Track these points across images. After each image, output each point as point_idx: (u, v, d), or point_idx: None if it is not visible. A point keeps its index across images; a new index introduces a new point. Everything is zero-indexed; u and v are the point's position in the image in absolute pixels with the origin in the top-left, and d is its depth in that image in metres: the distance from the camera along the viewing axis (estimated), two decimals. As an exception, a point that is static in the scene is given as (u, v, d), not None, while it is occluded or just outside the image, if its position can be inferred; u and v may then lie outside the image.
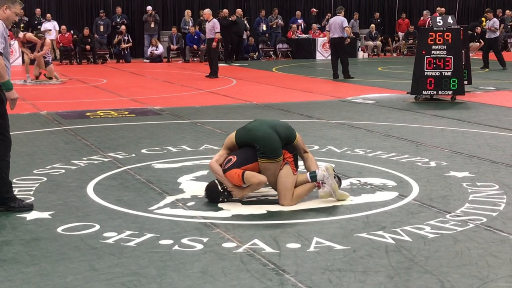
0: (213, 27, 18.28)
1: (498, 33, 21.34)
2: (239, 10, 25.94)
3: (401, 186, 6.59)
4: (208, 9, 19.26)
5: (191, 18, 26.08)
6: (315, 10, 29.29)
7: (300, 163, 6.30)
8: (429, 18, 19.05)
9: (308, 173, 6.12)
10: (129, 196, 6.24)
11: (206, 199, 6.06)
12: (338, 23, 18.09)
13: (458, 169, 7.27)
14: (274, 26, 27.16)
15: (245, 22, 26.11)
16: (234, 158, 6.03)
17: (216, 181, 6.03)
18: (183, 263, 4.50)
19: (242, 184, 5.94)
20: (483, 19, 29.87)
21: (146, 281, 4.19)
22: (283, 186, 5.95)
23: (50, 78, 17.32)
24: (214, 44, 18.25)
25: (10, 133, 5.97)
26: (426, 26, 18.18)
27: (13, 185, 6.57)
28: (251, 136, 6.03)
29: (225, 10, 24.62)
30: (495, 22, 21.29)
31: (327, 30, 19.05)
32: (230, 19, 24.49)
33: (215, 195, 6.02)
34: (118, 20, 25.74)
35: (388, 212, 5.70)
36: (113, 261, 4.53)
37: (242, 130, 6.16)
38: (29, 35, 17.44)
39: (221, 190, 5.99)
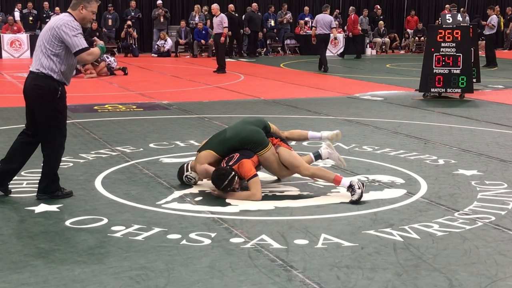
0: (221, 22, 18.19)
1: (494, 30, 21.21)
2: (254, 5, 25.73)
3: (409, 183, 6.57)
4: (216, 4, 19.16)
5: (199, 13, 26.00)
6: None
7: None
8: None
9: (311, 153, 6.54)
10: (137, 190, 6.25)
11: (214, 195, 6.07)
12: (327, 21, 19.24)
13: (467, 167, 7.25)
14: (284, 22, 27.09)
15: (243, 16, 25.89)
16: (236, 155, 6.12)
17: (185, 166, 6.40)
18: (191, 257, 4.50)
19: (250, 173, 5.99)
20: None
21: (154, 275, 4.19)
22: (292, 159, 6.19)
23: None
24: (222, 39, 18.23)
25: (18, 126, 6.00)
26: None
27: (21, 178, 6.61)
28: (238, 142, 6.22)
29: (231, 5, 24.54)
30: (493, 19, 21.24)
31: (313, 26, 19.90)
32: (236, 14, 24.42)
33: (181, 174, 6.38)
34: (133, 14, 25.67)
35: (396, 210, 5.69)
36: (121, 255, 4.53)
37: (219, 144, 6.30)
38: None
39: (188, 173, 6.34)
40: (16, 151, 6.04)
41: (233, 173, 5.96)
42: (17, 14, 24.64)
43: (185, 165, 6.42)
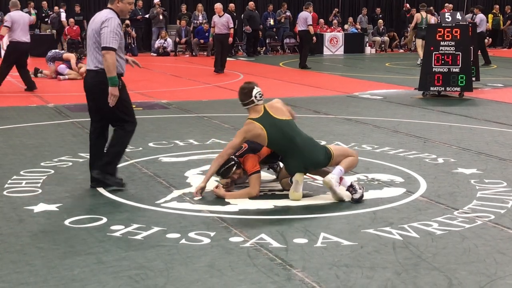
0: (227, 22, 17.96)
1: (482, 29, 21.22)
2: (251, 3, 25.66)
3: (409, 182, 6.57)
4: (219, 3, 18.91)
5: (202, 13, 25.93)
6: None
7: None
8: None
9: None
10: (136, 190, 6.25)
11: (213, 193, 6.06)
12: (303, 17, 19.56)
13: (466, 166, 7.25)
14: (282, 20, 27.07)
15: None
16: (245, 146, 6.13)
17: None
18: (190, 257, 4.50)
19: (254, 168, 6.01)
20: (490, 15, 29.80)
21: (153, 275, 4.19)
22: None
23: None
24: (231, 40, 18.29)
25: (17, 125, 6.02)
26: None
27: (20, 177, 6.60)
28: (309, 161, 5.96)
29: (232, 5, 24.50)
30: (480, 18, 21.39)
31: (296, 23, 20.68)
32: (234, 13, 24.38)
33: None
34: (140, 14, 25.46)
35: (396, 208, 5.69)
36: (120, 254, 4.53)
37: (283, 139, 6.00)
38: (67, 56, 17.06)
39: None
40: (95, 147, 6.38)
41: (233, 162, 6.00)
42: (63, 15, 24.58)
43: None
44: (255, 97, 6.02)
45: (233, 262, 4.41)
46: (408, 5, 29.93)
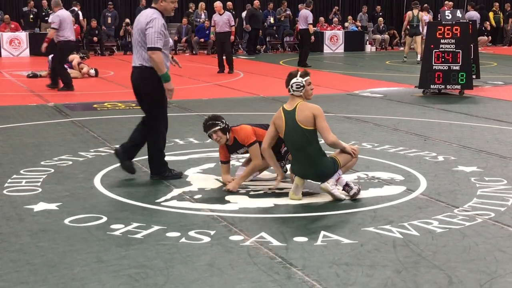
0: (228, 20, 17.79)
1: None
2: (256, 2, 25.63)
3: (409, 180, 6.57)
4: (219, 1, 18.77)
5: (205, 11, 25.89)
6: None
7: None
8: None
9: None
10: (136, 188, 6.25)
11: (213, 192, 6.06)
12: (304, 16, 19.46)
13: (466, 164, 7.24)
14: (282, 19, 27.06)
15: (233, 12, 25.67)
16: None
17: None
18: (190, 255, 4.50)
19: (250, 140, 6.16)
20: (491, 13, 29.78)
21: (153, 273, 4.19)
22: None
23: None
24: (232, 38, 18.25)
25: (17, 124, 6.03)
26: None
27: (20, 176, 6.61)
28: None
29: (229, 3, 24.47)
30: (470, 15, 21.55)
31: (297, 20, 20.51)
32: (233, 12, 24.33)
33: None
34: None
35: (396, 206, 5.69)
36: (120, 253, 4.53)
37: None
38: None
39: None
40: (135, 133, 6.74)
41: (216, 123, 6.13)
42: (80, 14, 24.59)
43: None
44: (291, 86, 6.01)
45: (233, 261, 4.40)
46: None
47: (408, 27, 21.06)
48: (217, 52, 18.22)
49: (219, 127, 6.18)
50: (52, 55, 17.01)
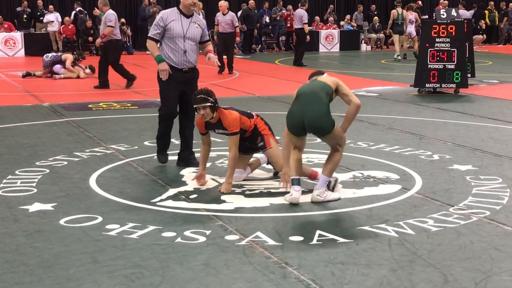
0: (232, 20, 17.50)
1: None
2: (251, 2, 25.60)
3: (404, 179, 6.57)
4: (223, 1, 18.09)
5: (202, 11, 25.80)
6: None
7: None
8: None
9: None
10: (132, 188, 6.24)
11: (208, 192, 6.06)
12: (299, 15, 19.42)
13: (461, 162, 7.26)
14: (278, 18, 27.06)
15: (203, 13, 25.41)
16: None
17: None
18: (185, 255, 4.50)
19: (234, 128, 6.14)
20: (486, 11, 29.82)
21: (149, 274, 4.18)
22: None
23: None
24: (238, 39, 18.21)
25: (12, 124, 6.04)
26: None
27: (15, 176, 6.59)
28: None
29: (226, 3, 24.36)
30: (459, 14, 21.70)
31: (292, 20, 20.49)
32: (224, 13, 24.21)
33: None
34: (151, 11, 25.00)
35: (391, 205, 5.69)
36: (116, 253, 4.52)
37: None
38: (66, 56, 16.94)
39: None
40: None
41: (208, 98, 6.06)
42: (73, 13, 24.59)
43: None
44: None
45: (229, 260, 4.40)
46: None
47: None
48: (218, 51, 17.39)
49: (209, 104, 6.09)
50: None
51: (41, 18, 24.64)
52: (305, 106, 5.81)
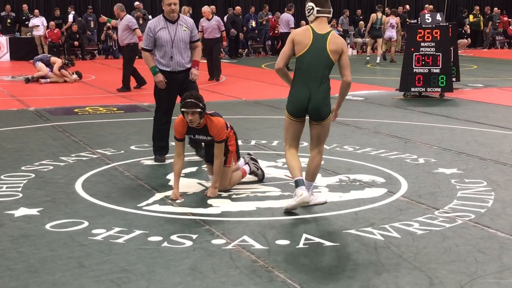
0: (217, 25, 16.96)
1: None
2: (238, 8, 25.64)
3: (390, 182, 6.60)
4: (207, 6, 17.93)
5: (188, 15, 25.73)
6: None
7: None
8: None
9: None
10: (118, 193, 6.22)
11: (195, 196, 6.06)
12: (285, 20, 19.50)
13: (447, 166, 7.30)
14: (264, 22, 27.10)
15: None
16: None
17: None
18: (172, 259, 4.49)
19: (220, 136, 6.08)
20: (471, 16, 30.01)
21: (135, 278, 4.18)
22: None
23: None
24: (225, 43, 18.18)
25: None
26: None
27: (1, 181, 6.56)
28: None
29: (212, 7, 24.37)
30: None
31: (277, 24, 20.41)
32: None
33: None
34: (134, 16, 24.80)
35: (377, 209, 5.72)
36: (102, 258, 4.51)
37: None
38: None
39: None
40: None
41: (198, 104, 5.94)
42: (70, 16, 24.48)
43: None
44: (307, 9, 5.86)
45: (216, 265, 4.41)
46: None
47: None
48: (207, 58, 16.99)
49: (199, 110, 5.95)
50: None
51: (26, 23, 24.52)
52: (311, 89, 6.09)
